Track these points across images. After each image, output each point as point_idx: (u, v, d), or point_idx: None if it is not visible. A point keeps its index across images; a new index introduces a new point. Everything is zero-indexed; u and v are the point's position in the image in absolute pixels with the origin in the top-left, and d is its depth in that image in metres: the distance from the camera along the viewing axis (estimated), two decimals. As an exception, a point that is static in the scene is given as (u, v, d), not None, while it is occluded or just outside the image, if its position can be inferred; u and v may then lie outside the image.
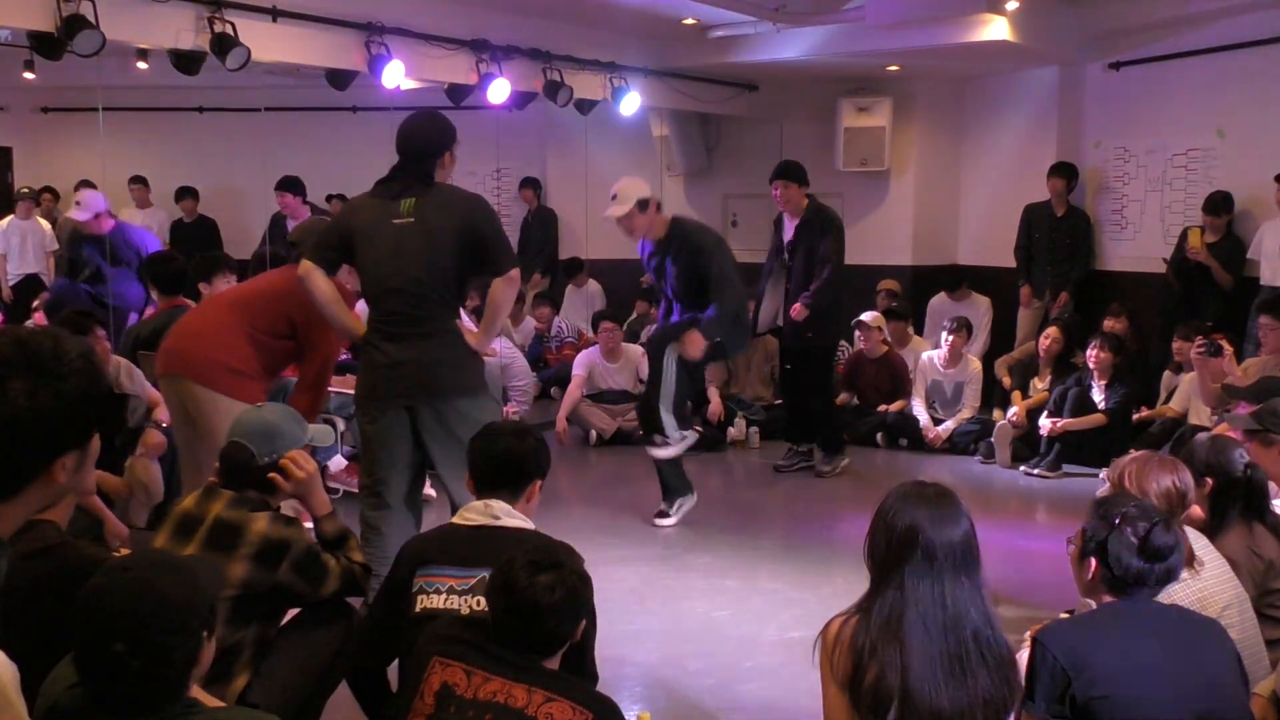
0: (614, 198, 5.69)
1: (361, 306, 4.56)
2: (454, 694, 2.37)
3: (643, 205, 5.66)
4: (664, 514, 6.03)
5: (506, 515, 2.90)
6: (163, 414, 5.09)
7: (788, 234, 6.87)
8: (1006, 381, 8.07)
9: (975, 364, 8.01)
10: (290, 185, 8.66)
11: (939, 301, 9.41)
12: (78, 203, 7.93)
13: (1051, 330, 7.84)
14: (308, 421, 4.83)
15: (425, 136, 4.20)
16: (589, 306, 10.18)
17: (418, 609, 2.80)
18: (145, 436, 4.98)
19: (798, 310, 6.72)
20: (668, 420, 5.91)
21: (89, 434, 1.82)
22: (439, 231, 4.05)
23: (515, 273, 4.15)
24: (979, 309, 9.21)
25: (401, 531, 4.13)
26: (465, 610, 2.75)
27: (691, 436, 6.18)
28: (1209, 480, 3.34)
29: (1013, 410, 7.53)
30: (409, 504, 4.22)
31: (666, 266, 5.85)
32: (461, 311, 4.51)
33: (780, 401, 8.17)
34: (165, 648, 1.88)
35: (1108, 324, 7.83)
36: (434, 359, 4.07)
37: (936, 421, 7.88)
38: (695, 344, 5.69)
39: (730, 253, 5.90)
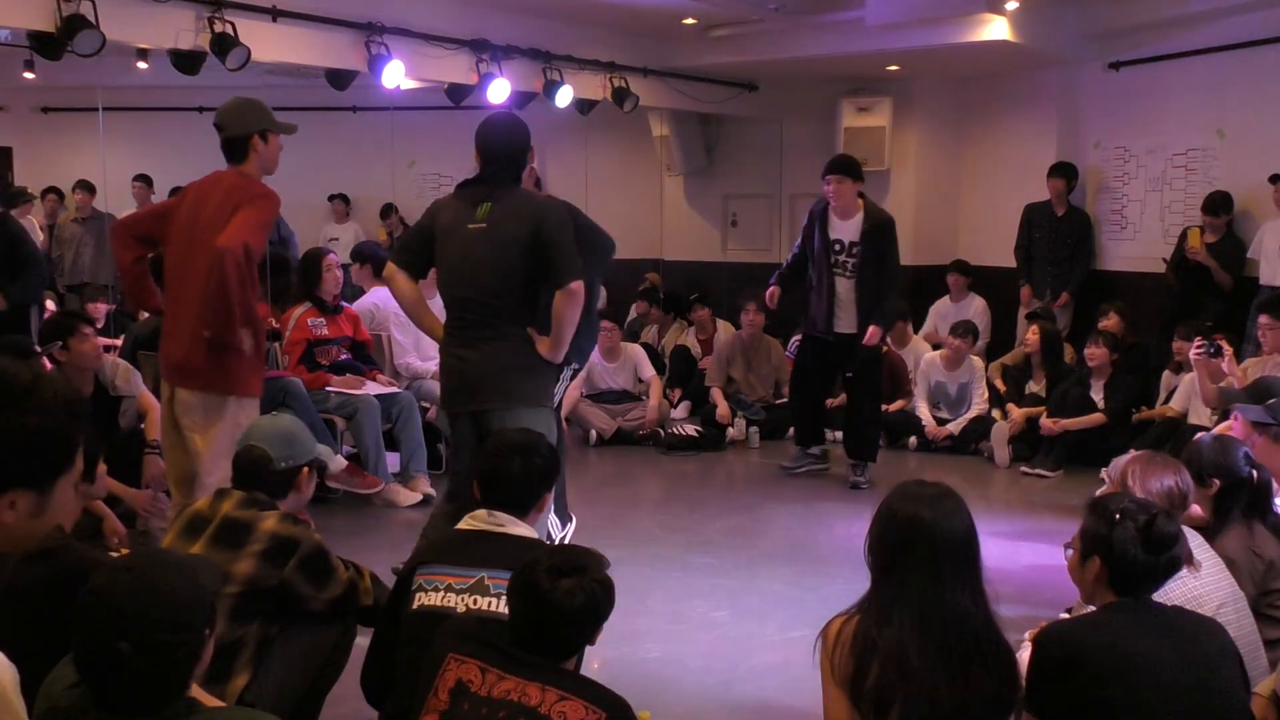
0: None
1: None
2: (468, 691, 2.37)
3: None
4: None
5: (511, 524, 2.91)
6: (156, 427, 5.04)
7: (843, 232, 6.50)
8: (1000, 385, 8.08)
9: (977, 362, 8.01)
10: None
11: (942, 305, 9.41)
12: None
13: (1032, 327, 7.83)
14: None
15: (504, 138, 4.17)
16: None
17: (414, 605, 2.81)
18: (147, 466, 4.95)
19: (875, 334, 6.50)
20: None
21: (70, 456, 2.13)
22: (507, 239, 4.03)
23: (576, 285, 4.05)
24: (978, 310, 9.21)
25: None
26: (462, 608, 2.75)
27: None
28: (1216, 481, 3.34)
29: (1011, 419, 7.52)
30: None
31: None
32: None
33: (783, 401, 8.15)
34: (170, 646, 1.89)
35: (1101, 324, 7.82)
36: (500, 365, 4.05)
37: (941, 422, 7.88)
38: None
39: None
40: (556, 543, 4.91)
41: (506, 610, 2.50)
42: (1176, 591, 2.78)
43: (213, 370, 4.19)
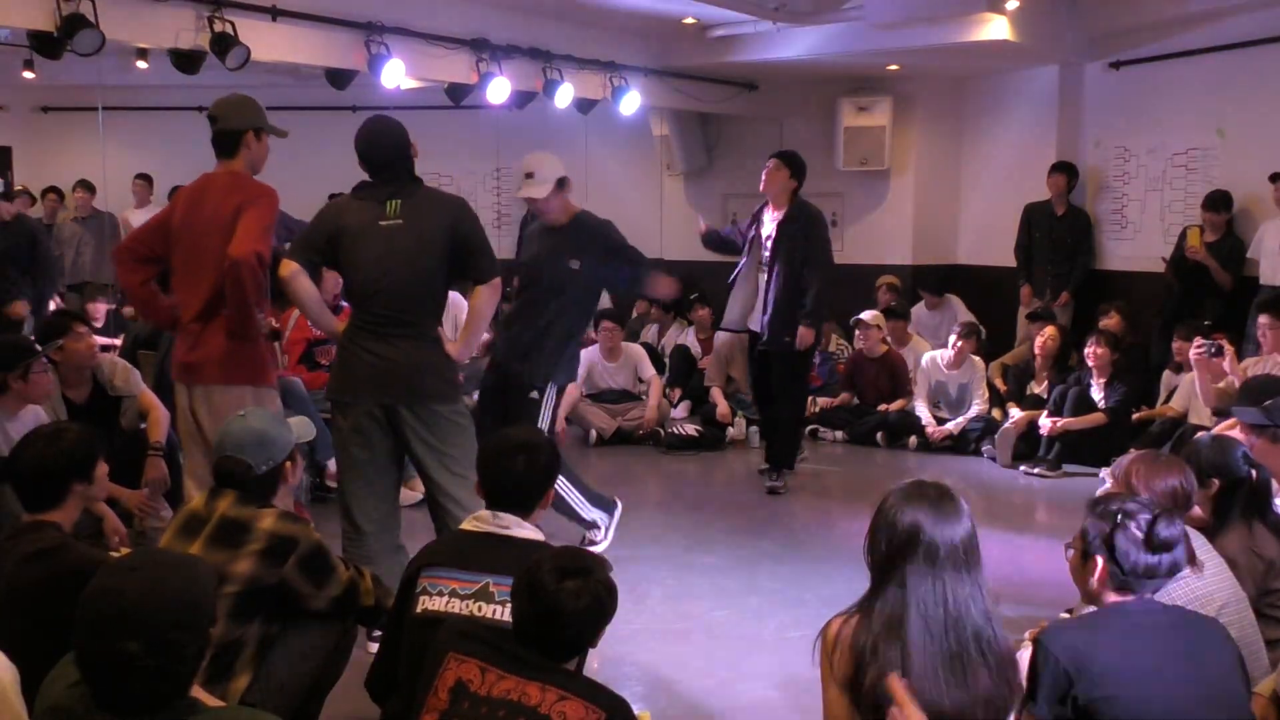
0: (530, 176, 5.03)
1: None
2: (468, 690, 2.37)
3: (561, 183, 5.04)
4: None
5: (516, 526, 2.91)
6: (158, 428, 5.03)
7: (768, 229, 6.43)
8: (1000, 385, 8.08)
9: (978, 362, 8.01)
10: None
11: (918, 311, 9.40)
12: None
13: (1049, 329, 7.83)
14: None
15: (388, 141, 4.16)
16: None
17: (418, 609, 2.81)
18: (149, 469, 4.94)
19: (806, 337, 6.27)
20: (588, 512, 5.32)
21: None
22: (427, 234, 4.04)
23: (498, 281, 4.14)
24: (959, 311, 9.20)
25: (383, 529, 4.15)
26: (465, 614, 2.75)
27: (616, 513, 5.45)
28: (1215, 481, 3.34)
29: (1012, 418, 7.52)
30: (389, 502, 4.22)
31: (556, 255, 5.12)
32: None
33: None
34: (178, 645, 1.90)
35: (1102, 323, 7.83)
36: (418, 361, 4.07)
37: (941, 422, 7.87)
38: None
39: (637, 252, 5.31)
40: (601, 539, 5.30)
41: (509, 618, 2.51)
42: (1180, 591, 2.78)
43: (229, 363, 4.18)
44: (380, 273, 4.05)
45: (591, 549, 5.27)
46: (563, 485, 5.12)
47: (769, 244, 6.41)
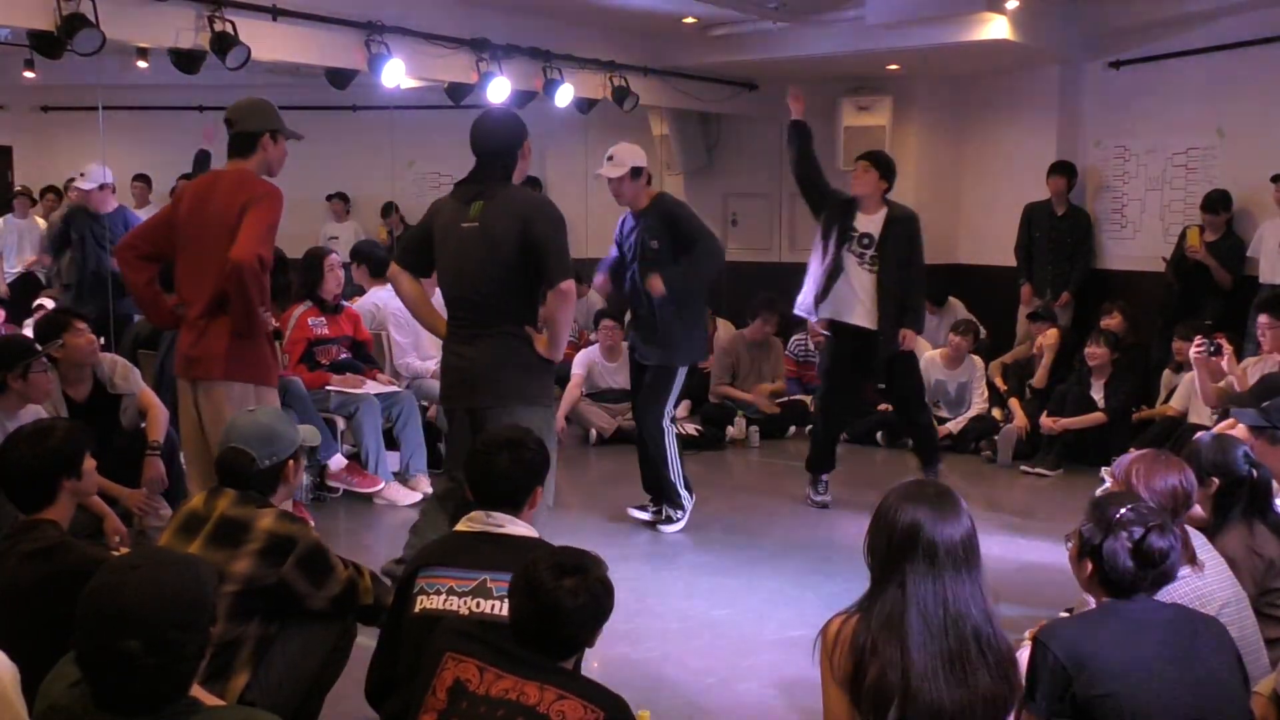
0: (610, 159, 5.60)
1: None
2: (466, 690, 2.37)
3: (635, 173, 5.58)
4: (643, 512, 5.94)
5: (509, 524, 2.92)
6: (157, 427, 5.03)
7: (869, 225, 6.21)
8: (1000, 384, 8.07)
9: (978, 362, 8.01)
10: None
11: None
12: (82, 174, 7.82)
13: (1052, 332, 7.84)
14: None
15: (495, 134, 4.18)
16: (589, 310, 10.16)
17: (416, 609, 2.82)
18: (146, 468, 4.94)
19: (910, 338, 6.20)
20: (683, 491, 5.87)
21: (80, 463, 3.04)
22: (498, 238, 4.03)
23: (568, 285, 4.04)
24: (960, 315, 9.17)
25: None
26: (464, 611, 2.75)
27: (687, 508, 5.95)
28: (1215, 480, 3.34)
29: (1015, 418, 7.52)
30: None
31: (641, 237, 5.66)
32: None
33: (783, 400, 8.12)
34: (178, 644, 1.89)
35: (1104, 322, 7.83)
36: (496, 362, 4.08)
37: (941, 421, 7.86)
38: (656, 284, 5.46)
39: (708, 231, 5.81)
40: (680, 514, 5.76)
41: (508, 613, 2.51)
42: (1181, 591, 2.78)
43: (232, 360, 4.16)
44: (457, 277, 4.13)
45: (667, 528, 5.77)
46: (674, 458, 5.75)
47: (869, 243, 6.21)
